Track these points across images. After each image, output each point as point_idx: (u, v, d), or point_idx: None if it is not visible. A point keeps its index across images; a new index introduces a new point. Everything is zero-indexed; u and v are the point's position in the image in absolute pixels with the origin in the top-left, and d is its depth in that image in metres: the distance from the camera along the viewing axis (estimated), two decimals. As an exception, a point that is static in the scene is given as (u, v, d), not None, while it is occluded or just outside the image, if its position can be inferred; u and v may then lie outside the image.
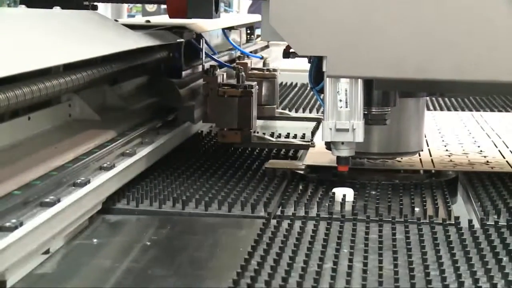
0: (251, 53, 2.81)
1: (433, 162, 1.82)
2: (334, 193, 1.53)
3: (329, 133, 1.54)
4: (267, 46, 3.45)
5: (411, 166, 1.78)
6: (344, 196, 1.51)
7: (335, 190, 1.54)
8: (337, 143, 1.56)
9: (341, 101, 1.53)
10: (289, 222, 1.34)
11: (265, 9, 1.55)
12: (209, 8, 1.90)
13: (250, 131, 1.92)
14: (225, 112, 1.90)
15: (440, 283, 1.08)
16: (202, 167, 1.73)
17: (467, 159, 1.88)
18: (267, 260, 1.15)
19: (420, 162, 1.81)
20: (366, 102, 1.58)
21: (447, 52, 1.47)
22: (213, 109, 1.92)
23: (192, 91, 2.11)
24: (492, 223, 1.38)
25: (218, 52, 2.52)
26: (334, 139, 1.55)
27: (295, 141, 2.04)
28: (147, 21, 2.29)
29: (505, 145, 2.07)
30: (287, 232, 1.28)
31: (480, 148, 2.02)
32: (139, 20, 2.86)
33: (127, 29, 1.80)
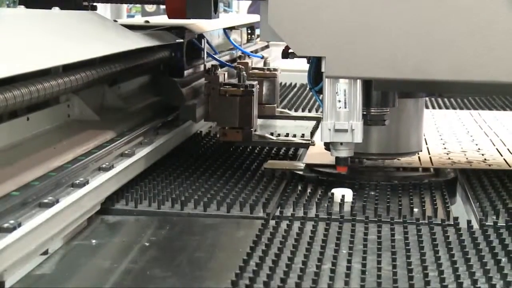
0: (251, 53, 2.82)
1: (431, 160, 1.83)
2: (333, 193, 1.53)
3: (328, 134, 1.54)
4: (267, 46, 3.45)
5: (409, 164, 1.78)
6: (343, 196, 1.51)
7: (334, 190, 1.54)
8: (336, 143, 1.56)
9: (340, 101, 1.53)
10: (288, 222, 1.34)
11: (264, 9, 1.55)
12: (208, 9, 1.90)
13: (251, 129, 1.94)
14: (226, 111, 1.92)
15: (439, 283, 1.07)
16: (201, 168, 1.73)
17: (465, 157, 1.88)
18: (265, 261, 1.15)
19: (419, 160, 1.81)
20: (365, 102, 1.58)
21: (445, 53, 1.47)
22: (214, 108, 1.93)
23: (194, 90, 2.12)
24: (491, 223, 1.37)
25: (219, 51, 2.53)
26: (333, 139, 1.55)
27: (295, 139, 2.05)
28: (146, 22, 2.29)
29: (502, 143, 2.07)
30: (285, 233, 1.28)
31: (478, 146, 2.03)
32: (138, 20, 2.86)
33: (126, 30, 1.80)
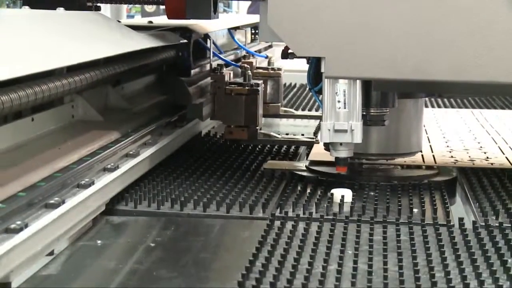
0: (256, 52, 2.82)
1: (434, 159, 1.83)
2: (332, 194, 1.53)
3: (327, 134, 1.54)
4: (270, 46, 3.46)
5: (413, 162, 1.78)
6: (343, 197, 1.51)
7: (333, 191, 1.53)
8: (335, 144, 1.56)
9: (339, 102, 1.53)
10: (293, 223, 1.34)
11: (263, 10, 1.55)
12: (207, 9, 1.91)
13: (256, 128, 1.96)
14: (232, 110, 1.94)
15: (446, 284, 1.07)
16: (201, 168, 1.73)
17: (468, 156, 1.89)
18: (271, 262, 1.14)
19: (422, 158, 1.81)
20: (365, 103, 1.58)
21: (445, 53, 1.47)
22: (220, 106, 1.95)
23: (200, 89, 2.14)
24: (491, 224, 1.37)
25: (224, 51, 2.53)
26: (332, 140, 1.55)
27: (300, 137, 2.07)
28: (150, 22, 2.29)
29: (505, 142, 2.08)
30: (291, 233, 1.28)
31: (480, 145, 2.04)
32: (141, 21, 2.87)
33: (130, 30, 1.80)
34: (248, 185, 1.60)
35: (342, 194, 1.51)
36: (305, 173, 1.71)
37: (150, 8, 7.30)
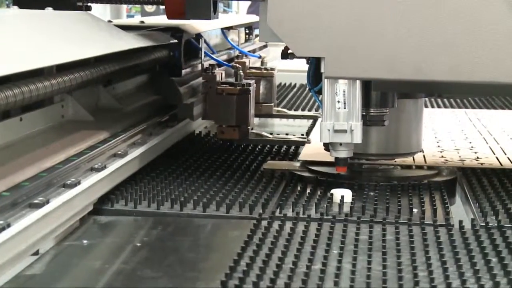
0: (249, 52, 2.82)
1: (425, 159, 1.83)
2: (332, 194, 1.53)
3: (327, 134, 1.54)
4: (265, 46, 3.45)
5: (404, 161, 1.78)
6: (342, 197, 1.51)
7: (333, 191, 1.53)
8: (335, 144, 1.56)
9: (339, 102, 1.53)
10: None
11: (263, 10, 1.54)
12: (207, 9, 1.90)
13: (247, 128, 1.95)
14: (223, 110, 1.94)
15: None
16: (200, 168, 1.73)
17: (458, 156, 1.89)
18: (256, 261, 1.14)
19: (413, 158, 1.81)
20: (364, 103, 1.58)
21: (444, 53, 1.47)
22: (211, 106, 1.95)
23: (191, 89, 2.13)
24: (492, 224, 1.37)
25: (217, 51, 2.53)
26: (332, 140, 1.54)
27: (292, 137, 2.07)
28: (141, 22, 2.29)
29: (496, 142, 2.08)
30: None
31: (472, 145, 2.04)
32: (133, 21, 2.87)
33: (119, 30, 1.80)
34: (248, 185, 1.59)
35: (342, 194, 1.51)
36: (305, 173, 1.70)
37: (150, 8, 7.29)
